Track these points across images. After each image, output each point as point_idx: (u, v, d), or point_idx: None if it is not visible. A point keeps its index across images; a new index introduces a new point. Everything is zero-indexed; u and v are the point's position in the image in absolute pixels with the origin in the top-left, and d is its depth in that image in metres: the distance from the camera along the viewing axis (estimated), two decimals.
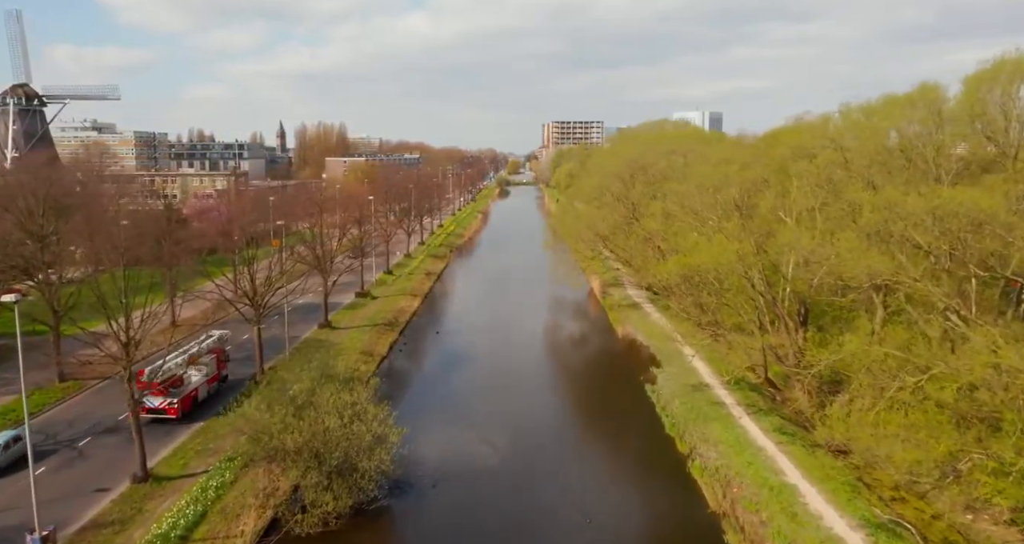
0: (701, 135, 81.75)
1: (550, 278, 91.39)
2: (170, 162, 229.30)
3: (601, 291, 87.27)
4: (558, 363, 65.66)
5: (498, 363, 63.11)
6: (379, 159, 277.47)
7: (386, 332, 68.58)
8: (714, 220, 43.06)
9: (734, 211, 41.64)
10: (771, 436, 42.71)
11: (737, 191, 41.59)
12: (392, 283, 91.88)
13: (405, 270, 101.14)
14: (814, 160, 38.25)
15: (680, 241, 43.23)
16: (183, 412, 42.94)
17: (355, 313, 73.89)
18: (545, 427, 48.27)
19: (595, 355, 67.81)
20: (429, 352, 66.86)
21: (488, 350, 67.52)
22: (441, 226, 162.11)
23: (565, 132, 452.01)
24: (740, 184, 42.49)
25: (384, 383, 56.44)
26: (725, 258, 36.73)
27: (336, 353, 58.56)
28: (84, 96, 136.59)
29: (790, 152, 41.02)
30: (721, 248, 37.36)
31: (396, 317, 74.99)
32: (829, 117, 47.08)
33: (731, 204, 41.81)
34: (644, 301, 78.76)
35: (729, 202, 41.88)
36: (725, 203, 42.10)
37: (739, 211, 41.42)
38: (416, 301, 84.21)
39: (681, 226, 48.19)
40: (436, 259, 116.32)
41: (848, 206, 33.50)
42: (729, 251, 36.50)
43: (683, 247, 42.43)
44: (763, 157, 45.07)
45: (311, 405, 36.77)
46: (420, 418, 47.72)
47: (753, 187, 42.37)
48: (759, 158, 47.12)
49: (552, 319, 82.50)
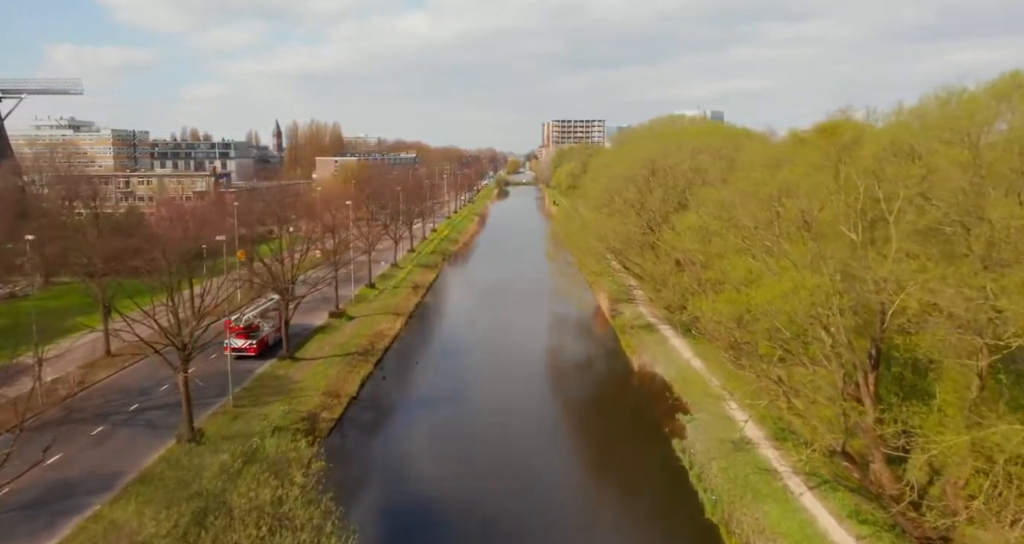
0: (730, 131, 71.29)
1: (551, 293, 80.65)
2: (153, 162, 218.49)
3: (610, 309, 76.56)
4: (563, 406, 54.93)
5: (490, 406, 52.43)
6: (373, 159, 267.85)
7: (358, 364, 57.88)
8: (772, 240, 32.38)
9: (801, 229, 31.02)
10: (848, 525, 32.17)
11: (804, 202, 30.91)
12: (374, 299, 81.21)
13: (390, 283, 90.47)
14: (920, 161, 27.51)
15: (727, 268, 32.60)
16: (259, 351, 55.44)
17: (325, 339, 63.18)
18: (548, 505, 37.50)
19: (607, 395, 57.04)
20: (409, 389, 56.16)
21: (480, 386, 56.93)
22: (434, 230, 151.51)
23: (566, 131, 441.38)
24: (807, 192, 31.81)
25: (347, 438, 45.80)
26: (801, 298, 26.12)
27: (290, 397, 48.03)
28: (43, 91, 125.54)
29: (880, 151, 30.23)
30: (795, 283, 26.75)
31: (373, 342, 64.32)
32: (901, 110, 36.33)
33: (798, 220, 31.19)
34: (660, 322, 68.13)
35: (794, 217, 31.26)
36: (788, 218, 31.47)
37: (807, 229, 30.79)
38: (399, 321, 73.50)
39: (723, 246, 37.64)
40: (426, 269, 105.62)
41: (992, 229, 22.83)
42: (806, 287, 25.90)
43: (731, 275, 31.77)
44: (832, 157, 34.29)
45: (223, 507, 26.17)
46: (387, 491, 37.11)
47: (820, 197, 31.68)
48: (824, 158, 36.39)
49: (554, 344, 71.83)
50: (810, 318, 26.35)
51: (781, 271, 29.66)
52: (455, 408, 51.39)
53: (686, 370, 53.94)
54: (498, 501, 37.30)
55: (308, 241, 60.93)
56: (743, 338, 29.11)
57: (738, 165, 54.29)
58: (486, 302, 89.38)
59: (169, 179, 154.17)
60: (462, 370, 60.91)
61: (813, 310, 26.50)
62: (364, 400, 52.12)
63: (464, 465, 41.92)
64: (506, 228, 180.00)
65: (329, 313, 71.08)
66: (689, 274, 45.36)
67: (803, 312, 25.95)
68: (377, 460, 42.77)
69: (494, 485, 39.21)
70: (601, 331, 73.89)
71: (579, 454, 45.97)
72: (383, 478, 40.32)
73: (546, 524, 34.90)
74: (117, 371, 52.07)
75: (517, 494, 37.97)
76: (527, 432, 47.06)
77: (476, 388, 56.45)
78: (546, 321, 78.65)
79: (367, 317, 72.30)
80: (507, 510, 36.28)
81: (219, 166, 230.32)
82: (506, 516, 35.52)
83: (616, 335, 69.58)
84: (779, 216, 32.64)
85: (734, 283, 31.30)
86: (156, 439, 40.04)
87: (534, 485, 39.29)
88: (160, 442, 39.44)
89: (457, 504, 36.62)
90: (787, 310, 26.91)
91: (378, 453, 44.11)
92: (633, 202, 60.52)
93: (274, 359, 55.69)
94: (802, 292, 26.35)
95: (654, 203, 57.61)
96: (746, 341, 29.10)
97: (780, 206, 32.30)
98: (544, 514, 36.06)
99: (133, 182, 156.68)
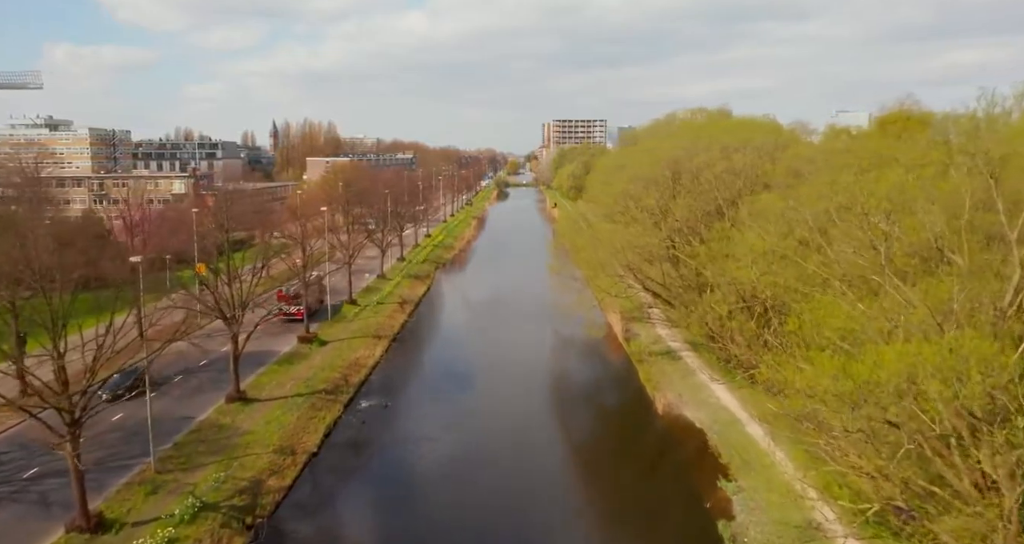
0: (768, 125, 60.84)
1: (555, 309, 70.17)
2: (137, 163, 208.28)
3: (624, 331, 66.59)
4: (573, 462, 44.93)
5: (485, 456, 42.59)
6: (368, 159, 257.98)
7: (325, 406, 48.00)
8: (879, 272, 22.48)
9: (928, 259, 21.22)
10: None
11: (933, 218, 21.04)
12: (353, 318, 71.24)
13: (374, 297, 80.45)
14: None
15: (819, 313, 22.57)
16: (306, 316, 61.13)
17: (288, 372, 53.21)
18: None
19: (626, 447, 46.81)
20: (384, 439, 46.19)
21: (472, 433, 47.03)
22: (428, 236, 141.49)
23: (567, 131, 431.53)
24: (927, 204, 21.94)
25: (299, 515, 35.82)
26: (964, 373, 16.31)
27: (231, 457, 38.17)
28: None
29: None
30: (944, 348, 16.95)
31: (347, 375, 54.44)
32: None
33: (920, 244, 21.39)
34: (684, 348, 58.33)
35: (915, 240, 21.45)
36: (906, 241, 21.58)
37: (940, 259, 20.99)
38: (380, 347, 63.56)
39: (790, 276, 27.80)
40: (416, 281, 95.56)
41: None
42: (979, 356, 16.13)
43: (825, 325, 21.76)
44: (935, 156, 24.38)
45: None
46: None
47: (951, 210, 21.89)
48: (921, 157, 26.55)
49: (560, 376, 61.80)
50: (983, 406, 16.54)
51: (905, 324, 19.76)
52: (441, 467, 41.43)
53: (724, 418, 44.11)
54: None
55: (265, 255, 50.91)
56: (853, 425, 19.27)
57: (788, 167, 44.47)
58: (482, 321, 79.47)
59: (145, 181, 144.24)
60: (451, 412, 50.96)
61: (981, 395, 16.64)
62: (328, 457, 42.12)
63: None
64: (505, 232, 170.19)
65: (298, 337, 61.18)
66: (748, 321, 35.31)
67: (976, 395, 16.13)
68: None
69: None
70: (615, 358, 63.91)
71: (595, 536, 36.06)
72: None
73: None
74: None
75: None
76: (530, 503, 37.17)
77: (468, 434, 46.59)
78: (550, 345, 68.80)
79: (343, 342, 62.38)
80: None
81: (205, 167, 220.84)
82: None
83: (632, 364, 59.70)
84: (887, 239, 22.69)
85: (829, 337, 21.42)
86: (48, 522, 30.65)
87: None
88: (49, 529, 30.01)
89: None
90: (934, 392, 17.03)
91: (338, 539, 34.29)
92: (653, 210, 50.65)
93: (222, 401, 45.88)
94: (967, 364, 16.50)
95: (680, 211, 47.79)
96: (859, 429, 19.26)
97: (892, 223, 22.38)
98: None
99: (107, 184, 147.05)
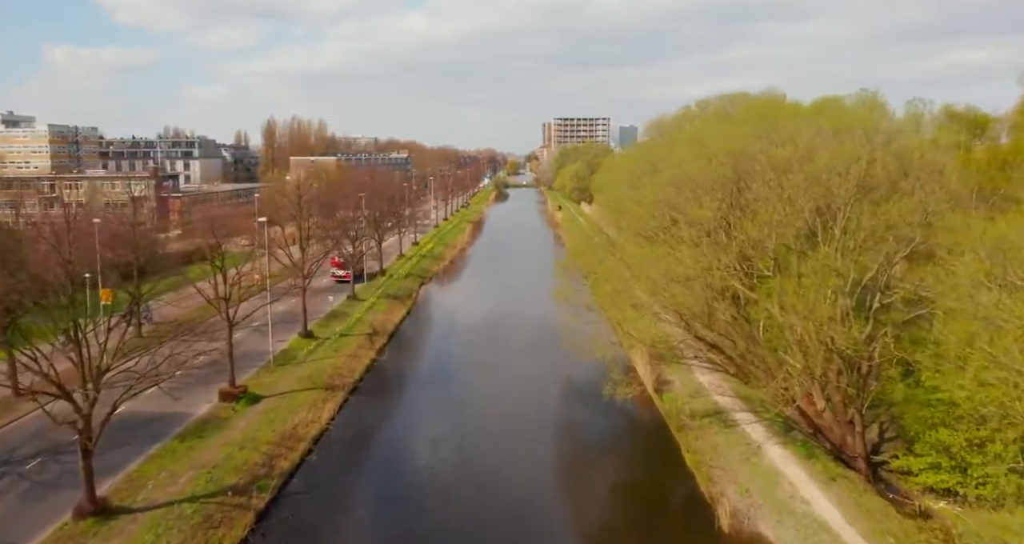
0: (873, 103, 45.38)
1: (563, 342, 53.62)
2: (108, 162, 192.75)
3: (655, 382, 50.84)
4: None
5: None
6: (358, 159, 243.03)
7: (230, 515, 32.34)
8: None
9: None
10: None
11: None
12: (304, 358, 55.61)
13: (338, 327, 64.82)
14: None
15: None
16: (354, 278, 77.81)
17: (191, 453, 37.49)
18: None
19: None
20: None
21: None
22: (416, 244, 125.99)
23: (568, 130, 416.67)
24: None
25: None
26: None
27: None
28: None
29: None
30: None
31: (273, 458, 38.72)
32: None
33: None
34: (737, 403, 43.09)
35: None
36: None
37: None
38: (330, 404, 47.79)
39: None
40: (394, 302, 79.65)
41: None
42: None
43: None
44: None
45: None
46: None
47: None
48: None
49: (571, 453, 45.35)
50: None
51: None
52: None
53: (813, 523, 28.53)
54: None
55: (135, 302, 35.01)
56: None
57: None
58: (472, 357, 63.79)
59: (100, 182, 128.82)
60: (420, 525, 35.32)
61: None
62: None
63: None
64: (504, 239, 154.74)
65: (220, 392, 45.68)
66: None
67: None
68: None
69: None
70: (645, 419, 47.92)
71: None
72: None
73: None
74: None
75: None
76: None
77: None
78: (556, 401, 52.32)
79: (282, 397, 46.81)
80: None
81: (181, 167, 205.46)
82: None
83: (670, 431, 44.08)
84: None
85: None
86: None
87: None
88: None
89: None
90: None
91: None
92: (710, 226, 35.03)
93: (67, 517, 30.31)
94: None
95: (754, 230, 32.23)
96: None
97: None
98: None
99: (59, 186, 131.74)
